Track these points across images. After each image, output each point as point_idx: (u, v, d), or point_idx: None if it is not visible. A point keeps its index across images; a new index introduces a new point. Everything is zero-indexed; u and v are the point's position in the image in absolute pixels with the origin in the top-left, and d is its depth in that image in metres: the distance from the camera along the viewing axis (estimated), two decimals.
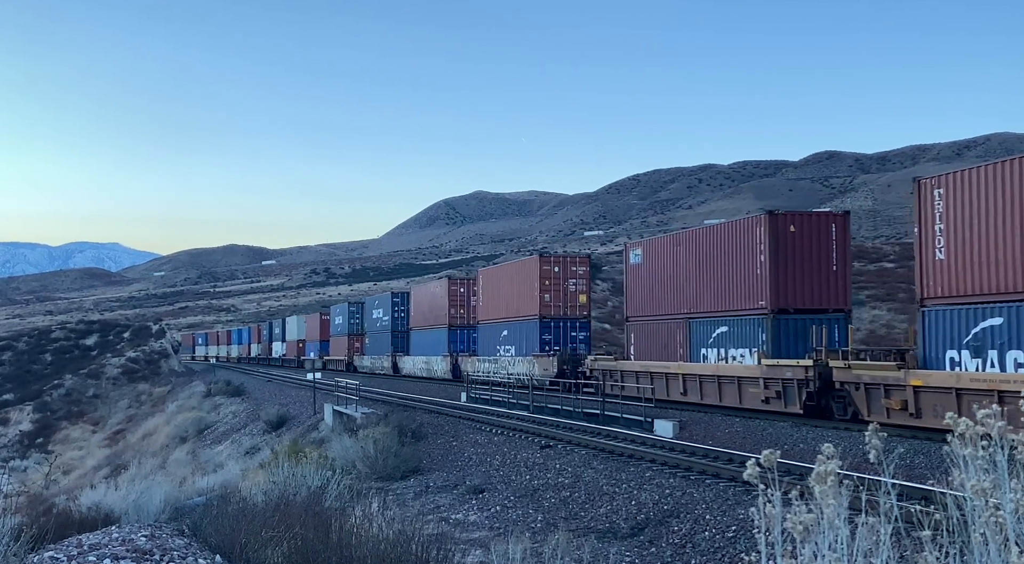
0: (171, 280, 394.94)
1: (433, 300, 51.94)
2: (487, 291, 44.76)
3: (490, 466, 20.57)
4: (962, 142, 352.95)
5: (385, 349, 59.67)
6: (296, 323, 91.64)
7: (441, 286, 51.11)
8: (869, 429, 4.09)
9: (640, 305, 31.27)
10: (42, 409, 75.00)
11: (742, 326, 25.72)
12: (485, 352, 44.15)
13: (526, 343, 39.17)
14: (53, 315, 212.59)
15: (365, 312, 67.56)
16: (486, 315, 44.57)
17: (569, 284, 38.96)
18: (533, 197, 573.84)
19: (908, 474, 13.79)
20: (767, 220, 24.87)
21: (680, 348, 28.44)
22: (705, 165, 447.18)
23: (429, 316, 52.40)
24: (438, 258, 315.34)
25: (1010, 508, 3.64)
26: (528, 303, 39.29)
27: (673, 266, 29.25)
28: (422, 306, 54.34)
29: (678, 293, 28.80)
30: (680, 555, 12.19)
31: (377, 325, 62.49)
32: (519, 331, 40.09)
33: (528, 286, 39.42)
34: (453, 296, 49.02)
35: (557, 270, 38.92)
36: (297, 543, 9.79)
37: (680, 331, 28.53)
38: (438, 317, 50.43)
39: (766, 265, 24.69)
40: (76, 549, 10.53)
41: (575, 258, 40.74)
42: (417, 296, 56.39)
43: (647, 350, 30.41)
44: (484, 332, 44.97)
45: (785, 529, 3.77)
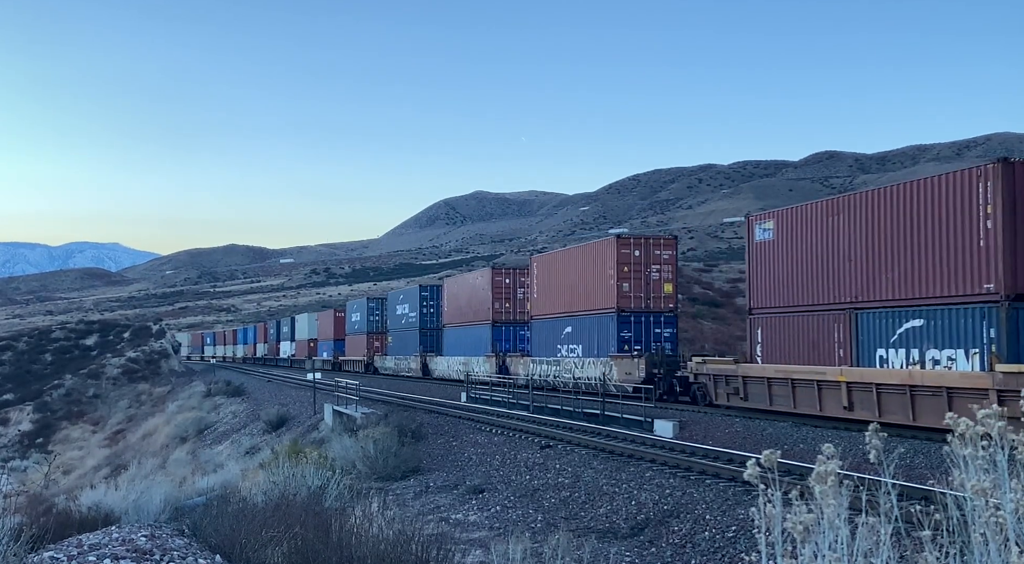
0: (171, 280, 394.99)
1: (473, 293, 46.20)
2: (543, 281, 38.26)
3: (490, 466, 20.57)
4: (962, 142, 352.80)
5: (412, 349, 54.46)
6: (307, 321, 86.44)
7: (483, 277, 45.22)
8: (870, 429, 4.08)
9: (771, 293, 24.63)
10: (42, 409, 74.99)
11: (950, 318, 19.18)
12: (542, 352, 37.78)
13: (598, 342, 33.32)
14: (53, 315, 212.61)
15: (387, 308, 62.15)
16: (542, 309, 38.23)
17: (652, 271, 32.50)
18: (533, 197, 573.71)
19: (908, 474, 13.79)
20: (999, 171, 17.92)
21: (839, 348, 22.00)
22: (705, 165, 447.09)
23: (467, 311, 46.76)
24: (438, 258, 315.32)
25: (1010, 508, 3.64)
26: (601, 294, 33.10)
27: (827, 241, 22.49)
28: (458, 300, 48.59)
29: (835, 276, 22.16)
30: (680, 555, 12.19)
31: (402, 322, 57.15)
32: (588, 328, 34.04)
33: (601, 274, 33.18)
34: (497, 288, 43.53)
35: (638, 254, 32.39)
36: (297, 543, 9.79)
37: (839, 326, 22.01)
38: (479, 312, 44.86)
39: (996, 233, 17.88)
40: (76, 549, 10.53)
41: (659, 240, 33.83)
42: (452, 289, 50.49)
43: (783, 350, 23.91)
44: (540, 329, 38.52)
45: (785, 529, 3.77)
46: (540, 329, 38.65)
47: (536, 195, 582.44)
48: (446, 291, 51.38)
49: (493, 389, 33.99)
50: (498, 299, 43.56)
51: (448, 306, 50.37)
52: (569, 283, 35.86)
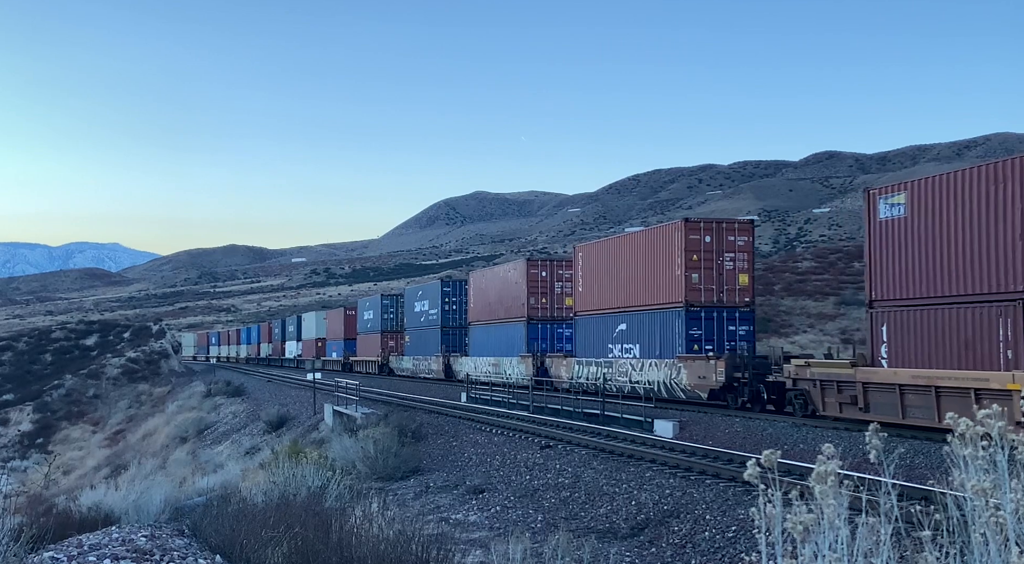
0: (171, 280, 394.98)
1: (504, 288, 42.29)
2: (591, 273, 33.86)
3: (490, 466, 20.57)
4: (962, 142, 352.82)
5: (432, 348, 50.73)
6: (314, 320, 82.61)
7: (516, 270, 41.19)
8: (870, 429, 4.08)
9: (903, 282, 20.29)
10: (42, 409, 75.02)
11: None
12: (588, 352, 33.43)
13: (660, 341, 29.06)
14: (53, 315, 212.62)
15: (404, 305, 58.46)
16: (590, 304, 33.70)
17: (725, 259, 28.30)
18: (533, 197, 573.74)
19: (908, 474, 13.78)
20: None
21: (1006, 349, 17.78)
22: (705, 165, 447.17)
23: (497, 308, 42.79)
24: (438, 258, 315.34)
25: (1010, 508, 3.64)
26: (665, 286, 28.85)
27: (987, 216, 18.25)
28: (486, 296, 44.39)
29: (1000, 259, 17.96)
30: (680, 555, 12.18)
31: (421, 320, 53.28)
32: (648, 325, 29.88)
33: (665, 263, 28.97)
34: (533, 281, 39.48)
35: (708, 240, 28.17)
36: (297, 543, 9.79)
37: (1006, 321, 17.73)
38: (511, 308, 40.97)
39: None
40: (76, 549, 10.53)
41: (733, 224, 29.07)
42: (479, 284, 45.96)
43: (919, 351, 19.58)
44: (586, 327, 34.01)
45: (785, 529, 3.77)
46: (586, 327, 34.04)
47: (536, 195, 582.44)
48: (472, 286, 46.78)
49: (493, 389, 34.00)
50: (533, 294, 39.43)
51: (475, 302, 46.00)
52: (624, 274, 31.25)
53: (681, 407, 26.90)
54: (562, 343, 38.80)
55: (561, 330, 39.08)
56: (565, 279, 39.08)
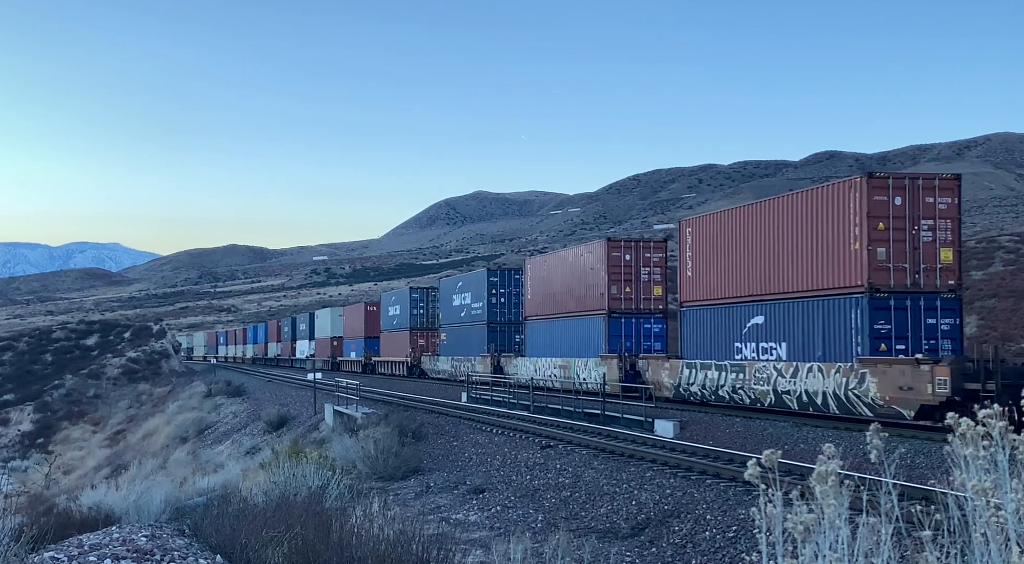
0: (171, 280, 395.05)
1: (575, 275, 35.93)
2: (705, 252, 27.57)
3: (491, 466, 20.57)
4: (962, 142, 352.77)
5: (476, 348, 45.01)
6: (329, 317, 76.62)
7: (593, 253, 34.66)
8: (871, 429, 4.08)
9: None
10: (42, 409, 75.03)
11: None
12: (704, 352, 27.22)
13: (823, 338, 22.38)
14: (54, 315, 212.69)
15: (441, 299, 52.79)
16: (705, 292, 27.53)
17: (923, 228, 21.50)
18: (533, 197, 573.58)
19: (909, 474, 13.79)
20: None
21: None
22: (705, 165, 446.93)
23: (565, 299, 36.47)
24: (438, 258, 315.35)
25: (1011, 508, 3.64)
26: (834, 265, 22.05)
27: None
28: (550, 285, 38.12)
29: None
30: (681, 555, 12.19)
31: (461, 315, 47.73)
32: (803, 317, 23.19)
33: (834, 234, 22.08)
34: (615, 267, 33.09)
35: (899, 202, 21.45)
36: (298, 543, 9.79)
37: None
38: (585, 300, 34.72)
39: None
40: (77, 549, 10.53)
41: (933, 181, 21.98)
42: (540, 272, 39.58)
43: None
44: (700, 320, 27.78)
45: (786, 529, 3.77)
46: (700, 321, 27.74)
47: (536, 195, 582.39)
48: (530, 275, 40.44)
49: (493, 389, 33.98)
50: (616, 282, 33.02)
51: (533, 294, 39.87)
52: (762, 252, 24.90)
53: (682, 407, 26.89)
54: (650, 341, 33.07)
55: (649, 325, 33.20)
56: (653, 264, 33.47)
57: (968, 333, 22.81)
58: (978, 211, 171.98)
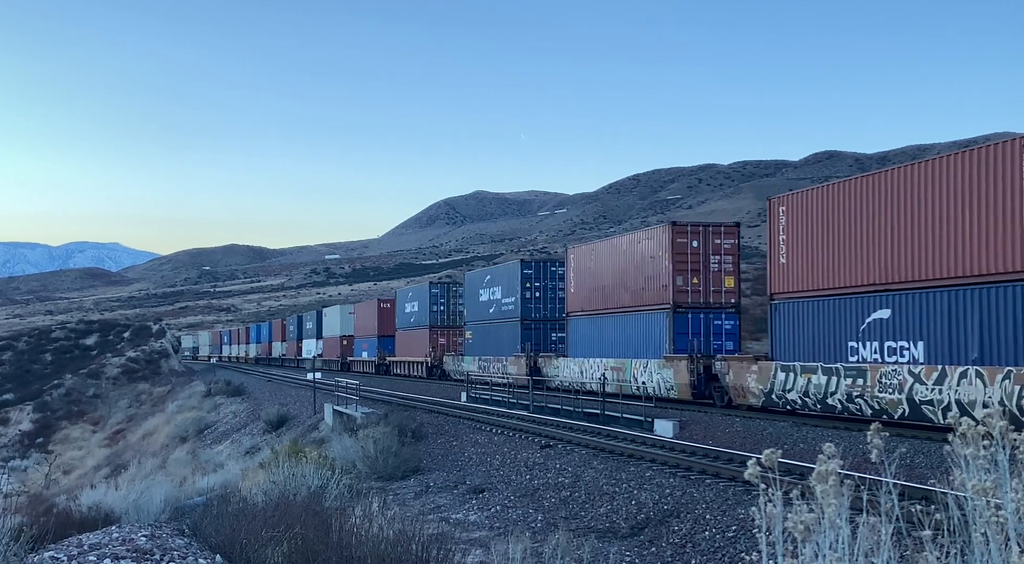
0: (171, 280, 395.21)
1: (631, 265, 31.46)
2: (806, 234, 22.97)
3: (490, 466, 20.58)
4: (962, 142, 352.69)
5: (508, 347, 41.38)
6: (338, 315, 73.48)
7: (654, 239, 30.34)
8: (871, 428, 4.08)
9: None
10: (42, 409, 75.06)
11: None
12: (805, 353, 22.68)
13: (979, 337, 18.03)
14: (53, 315, 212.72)
15: (466, 294, 49.05)
16: (805, 281, 22.92)
17: None
18: (533, 197, 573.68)
19: (909, 474, 13.79)
20: None
21: None
22: (705, 165, 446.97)
23: (618, 292, 32.13)
24: (438, 258, 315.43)
25: (1011, 508, 3.64)
26: (996, 242, 17.66)
27: None
28: (599, 277, 33.78)
29: None
30: (680, 555, 12.19)
31: (490, 312, 44.23)
32: (955, 309, 18.74)
33: (999, 202, 17.62)
34: (680, 255, 28.96)
35: None
36: (297, 543, 9.80)
37: None
38: (644, 293, 30.41)
39: None
40: (76, 549, 10.53)
41: None
42: (585, 262, 35.12)
43: None
44: (801, 315, 22.98)
45: (786, 529, 3.77)
46: (801, 316, 23.19)
47: (536, 195, 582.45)
48: (573, 265, 36.10)
49: (493, 389, 34.00)
50: (681, 272, 29.08)
51: (577, 287, 35.60)
52: (885, 234, 20.54)
53: (681, 407, 26.89)
54: (721, 340, 29.31)
55: (720, 322, 29.40)
56: (724, 251, 29.68)
57: None
58: None
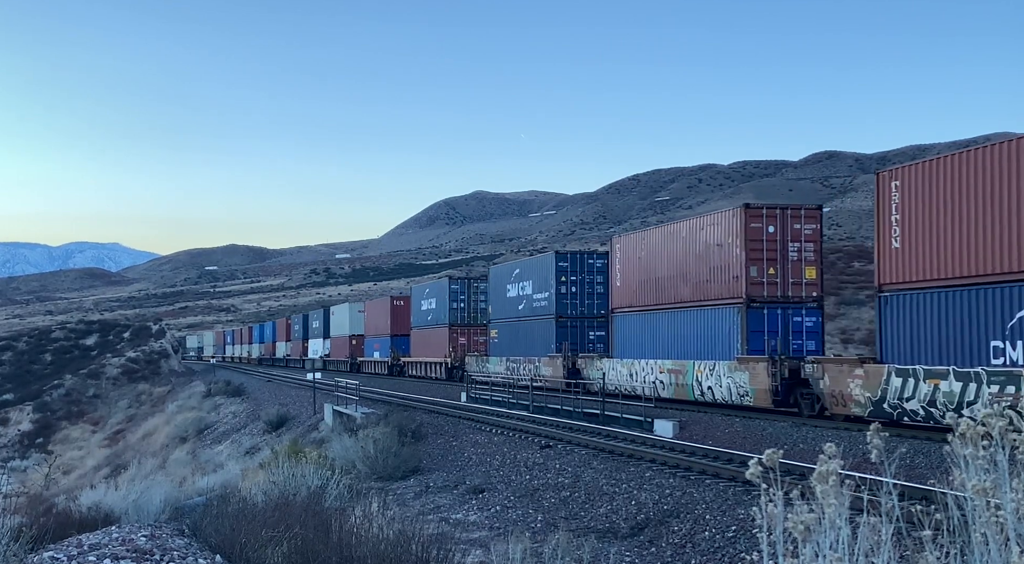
0: (171, 280, 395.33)
1: (692, 254, 27.74)
2: (926, 214, 20.03)
3: (490, 466, 20.58)
4: (962, 142, 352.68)
5: (541, 347, 38.05)
6: (347, 313, 70.22)
7: (723, 224, 26.61)
8: (871, 428, 4.08)
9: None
10: (42, 409, 75.06)
11: None
12: (933, 356, 19.09)
13: None
14: (53, 315, 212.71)
15: (491, 290, 45.84)
16: (923, 270, 19.72)
17: None
18: (533, 197, 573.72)
19: (909, 474, 13.79)
20: None
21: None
22: (705, 165, 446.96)
23: (676, 285, 28.42)
24: (438, 258, 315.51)
25: (1011, 508, 3.64)
26: None
27: None
28: (651, 268, 29.97)
29: None
30: (680, 555, 12.19)
31: (519, 308, 41.01)
32: None
33: None
34: (754, 241, 25.45)
35: None
36: (297, 543, 9.80)
37: None
38: (708, 286, 26.89)
39: None
40: (76, 549, 10.53)
41: None
42: (635, 252, 31.33)
43: None
44: (920, 309, 19.68)
45: (786, 529, 3.77)
46: (920, 310, 19.65)
47: (536, 195, 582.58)
48: (619, 256, 32.61)
49: (493, 389, 34.01)
50: (756, 261, 25.48)
51: (625, 280, 32.05)
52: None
53: (681, 407, 26.90)
54: (801, 338, 25.65)
55: (800, 318, 25.76)
56: (805, 237, 25.84)
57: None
58: None
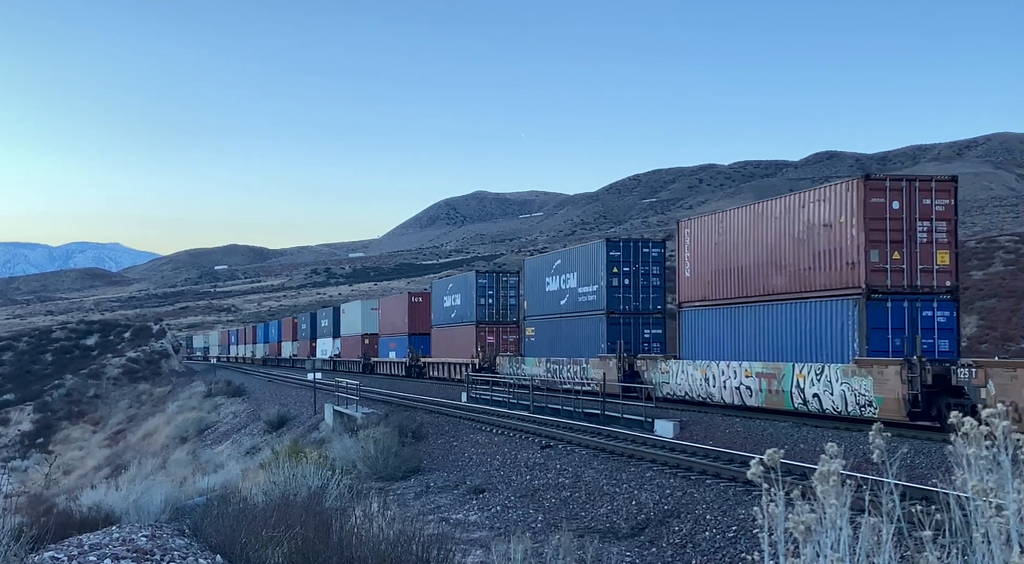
0: (171, 280, 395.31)
1: (788, 236, 23.56)
2: None
3: (491, 466, 20.57)
4: (962, 142, 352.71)
5: (588, 346, 34.17)
6: (360, 311, 66.94)
7: (833, 199, 22.05)
8: (873, 428, 4.07)
9: None
10: (42, 409, 75.09)
11: None
12: None
13: None
14: (54, 315, 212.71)
15: (527, 283, 41.64)
16: None
17: None
18: (533, 197, 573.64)
19: (910, 474, 13.78)
20: None
21: None
22: (706, 165, 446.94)
23: (767, 274, 24.35)
24: (439, 258, 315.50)
25: (1013, 509, 3.63)
26: None
27: None
28: (733, 255, 25.89)
29: None
30: (681, 555, 12.18)
31: (561, 303, 36.88)
32: None
33: None
34: (876, 219, 21.23)
35: None
36: (297, 543, 9.79)
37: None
38: (814, 274, 22.57)
39: None
40: (77, 549, 10.53)
41: None
42: (709, 236, 27.38)
43: None
44: None
45: (787, 529, 3.76)
46: None
47: (536, 195, 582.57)
48: (690, 242, 28.32)
49: (493, 389, 34.00)
50: (877, 244, 21.03)
51: (698, 269, 27.78)
52: None
53: (681, 407, 26.90)
54: (931, 337, 21.12)
55: (930, 313, 21.28)
56: (937, 215, 21.42)
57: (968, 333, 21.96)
58: (978, 211, 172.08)
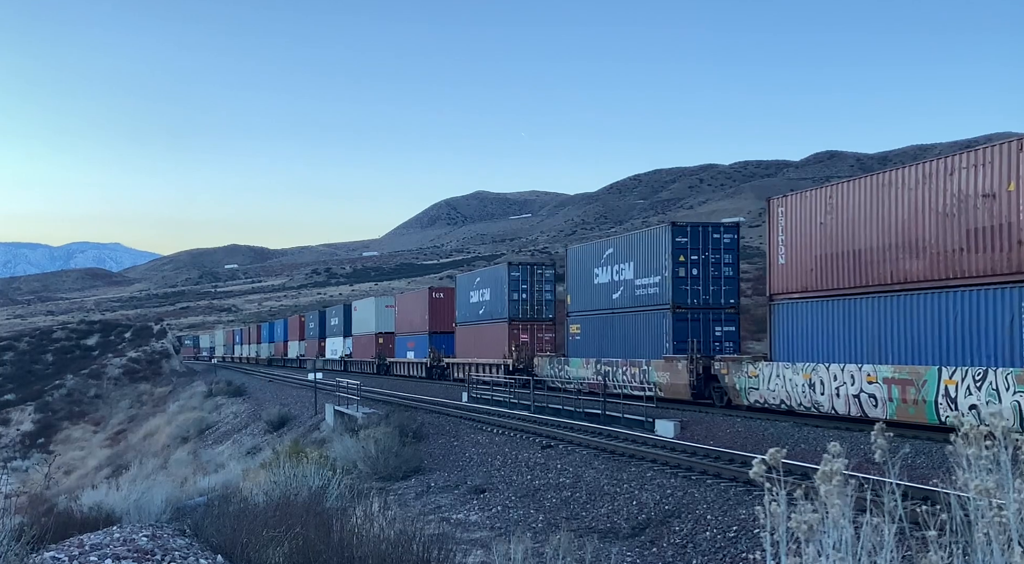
0: (172, 280, 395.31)
1: (924, 210, 19.56)
2: None
3: (491, 466, 20.57)
4: (963, 142, 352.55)
5: (647, 347, 29.97)
6: (373, 308, 62.90)
7: (992, 162, 17.88)
8: (875, 428, 4.07)
9: None
10: (43, 409, 75.08)
11: None
12: None
13: None
14: (54, 315, 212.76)
15: (570, 276, 36.12)
16: None
17: None
18: (534, 197, 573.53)
19: (911, 474, 13.78)
20: None
21: None
22: (706, 165, 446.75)
23: (890, 259, 19.90)
24: (439, 258, 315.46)
25: (1013, 508, 3.63)
26: None
27: None
28: (840, 237, 21.36)
29: None
30: (681, 555, 12.17)
31: (614, 297, 32.14)
32: None
33: None
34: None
35: None
36: (298, 543, 9.79)
37: None
38: (957, 257, 18.05)
39: None
40: (77, 549, 10.53)
41: None
42: (810, 214, 22.62)
43: None
44: None
45: (789, 528, 3.76)
46: None
47: (537, 195, 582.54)
48: (785, 221, 23.44)
49: (494, 389, 34.00)
50: None
51: (793, 254, 23.05)
52: None
53: (681, 407, 26.90)
54: None
55: None
56: None
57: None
58: None
